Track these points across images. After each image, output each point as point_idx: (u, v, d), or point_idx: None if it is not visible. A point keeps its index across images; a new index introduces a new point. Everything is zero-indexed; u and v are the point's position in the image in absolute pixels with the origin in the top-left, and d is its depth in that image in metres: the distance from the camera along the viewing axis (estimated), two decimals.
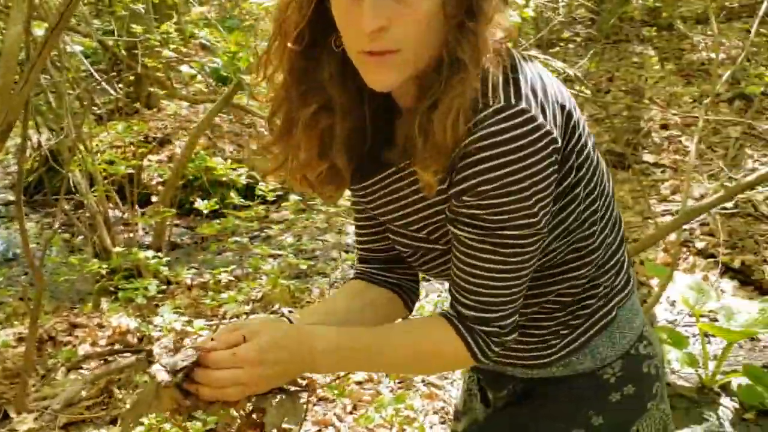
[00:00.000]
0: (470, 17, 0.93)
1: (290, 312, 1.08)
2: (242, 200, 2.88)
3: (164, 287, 3.45)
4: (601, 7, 6.37)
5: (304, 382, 1.03)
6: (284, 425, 0.99)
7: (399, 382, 2.89)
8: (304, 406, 1.04)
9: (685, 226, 4.29)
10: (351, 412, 2.68)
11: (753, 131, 5.03)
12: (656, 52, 6.57)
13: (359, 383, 2.81)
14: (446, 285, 1.29)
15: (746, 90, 5.45)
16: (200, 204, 2.90)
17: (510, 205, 0.95)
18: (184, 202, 4.62)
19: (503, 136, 0.92)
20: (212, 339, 0.97)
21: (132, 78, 5.33)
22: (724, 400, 2.93)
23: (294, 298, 3.69)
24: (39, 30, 2.87)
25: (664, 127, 5.44)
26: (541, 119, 0.93)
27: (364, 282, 1.21)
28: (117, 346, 3.18)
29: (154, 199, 4.73)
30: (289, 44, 1.01)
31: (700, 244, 4.10)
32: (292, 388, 1.02)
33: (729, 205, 4.17)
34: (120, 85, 5.28)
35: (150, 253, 3.05)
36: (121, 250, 3.25)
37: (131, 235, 4.06)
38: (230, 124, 6.24)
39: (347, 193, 1.22)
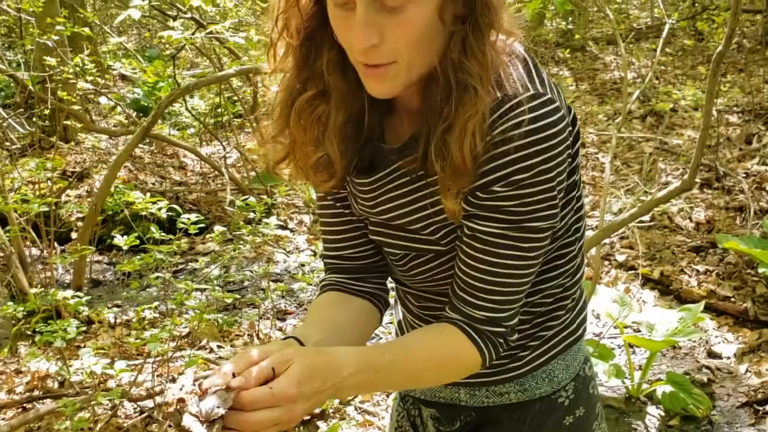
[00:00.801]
0: (473, 30, 0.90)
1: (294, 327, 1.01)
2: (163, 234, 2.80)
3: (86, 327, 3.32)
4: None
5: (318, 410, 0.96)
6: None
7: (333, 412, 2.86)
8: None
9: (606, 241, 4.43)
10: None
11: (665, 146, 5.25)
12: (571, 73, 6.80)
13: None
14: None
15: (656, 107, 5.71)
16: (119, 240, 2.80)
17: (538, 195, 0.94)
18: (105, 238, 4.47)
19: (537, 124, 0.91)
20: (234, 374, 0.85)
21: (47, 112, 5.16)
22: (651, 409, 3.01)
23: (222, 332, 3.61)
24: None
25: (582, 145, 5.62)
26: (563, 110, 0.94)
27: (339, 293, 1.16)
28: (36, 393, 3.03)
29: (74, 235, 4.57)
30: (289, 40, 0.99)
31: (620, 257, 4.23)
32: (310, 417, 0.94)
33: (646, 218, 4.34)
34: (35, 119, 5.10)
35: (69, 292, 2.93)
36: (38, 291, 3.11)
37: (50, 274, 3.90)
38: (152, 156, 6.12)
39: (275, 222, 1.18)
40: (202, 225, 3.08)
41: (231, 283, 4.34)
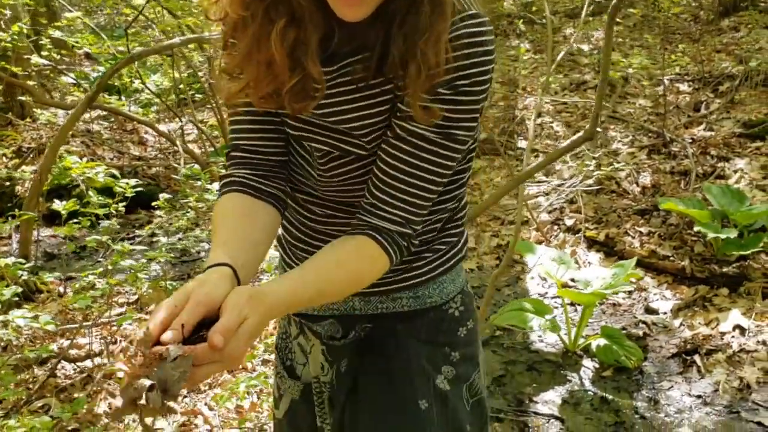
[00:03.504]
0: None
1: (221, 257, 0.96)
2: (101, 198, 2.82)
3: (27, 292, 3.34)
4: None
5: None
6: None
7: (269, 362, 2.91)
8: None
9: (555, 206, 4.51)
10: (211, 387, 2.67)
11: (616, 114, 5.32)
12: (531, 46, 6.85)
13: (230, 372, 2.81)
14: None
15: (609, 76, 5.77)
16: (58, 205, 2.82)
17: (468, 105, 1.02)
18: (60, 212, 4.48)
19: (482, 38, 0.99)
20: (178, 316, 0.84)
21: (1, 87, 5.13)
22: (586, 362, 3.10)
23: None
24: None
25: (538, 114, 5.68)
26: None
27: (246, 197, 1.14)
28: None
29: None
30: None
31: (569, 222, 4.31)
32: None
33: (591, 181, 4.42)
34: None
35: (11, 259, 2.94)
36: None
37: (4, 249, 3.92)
38: (111, 131, 6.10)
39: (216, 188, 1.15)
40: (139, 189, 3.09)
41: (186, 254, 4.36)
